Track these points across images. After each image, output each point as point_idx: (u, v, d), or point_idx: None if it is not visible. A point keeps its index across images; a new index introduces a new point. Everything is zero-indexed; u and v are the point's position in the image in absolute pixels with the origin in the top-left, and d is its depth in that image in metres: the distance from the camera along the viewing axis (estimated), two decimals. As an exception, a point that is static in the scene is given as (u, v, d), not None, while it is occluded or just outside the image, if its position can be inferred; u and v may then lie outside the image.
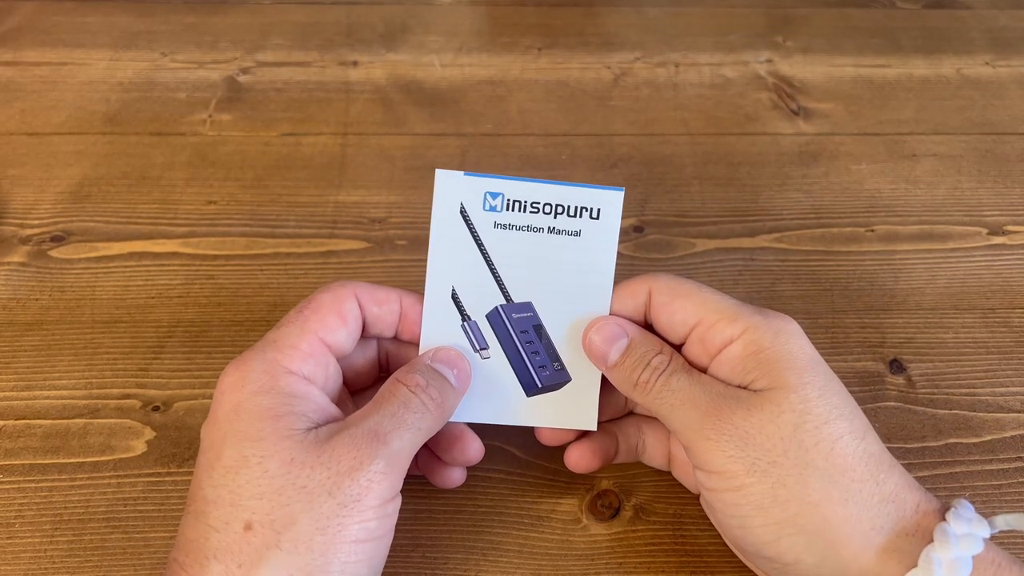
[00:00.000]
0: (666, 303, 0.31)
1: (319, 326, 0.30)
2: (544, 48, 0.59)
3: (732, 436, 0.27)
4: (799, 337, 0.29)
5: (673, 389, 0.29)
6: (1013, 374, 0.39)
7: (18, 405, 0.37)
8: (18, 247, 0.44)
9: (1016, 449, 0.36)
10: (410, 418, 0.28)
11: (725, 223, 0.46)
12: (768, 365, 0.28)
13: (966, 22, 0.63)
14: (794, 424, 0.27)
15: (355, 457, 0.26)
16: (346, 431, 0.27)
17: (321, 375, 0.30)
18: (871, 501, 0.26)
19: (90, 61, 0.56)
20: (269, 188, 0.48)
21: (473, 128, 0.52)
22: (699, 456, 0.28)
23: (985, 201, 0.48)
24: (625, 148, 0.51)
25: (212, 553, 0.25)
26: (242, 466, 0.26)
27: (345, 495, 0.26)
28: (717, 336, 0.30)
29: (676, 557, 0.33)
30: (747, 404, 0.28)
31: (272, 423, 0.27)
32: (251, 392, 0.27)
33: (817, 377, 0.28)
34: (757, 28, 0.62)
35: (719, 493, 0.28)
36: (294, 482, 0.26)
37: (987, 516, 0.27)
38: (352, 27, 0.60)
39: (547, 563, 0.33)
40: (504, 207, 0.31)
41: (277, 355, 0.29)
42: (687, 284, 0.31)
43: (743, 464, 0.27)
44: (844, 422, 0.28)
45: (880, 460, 0.27)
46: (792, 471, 0.27)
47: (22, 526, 0.33)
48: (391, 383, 0.29)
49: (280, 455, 0.26)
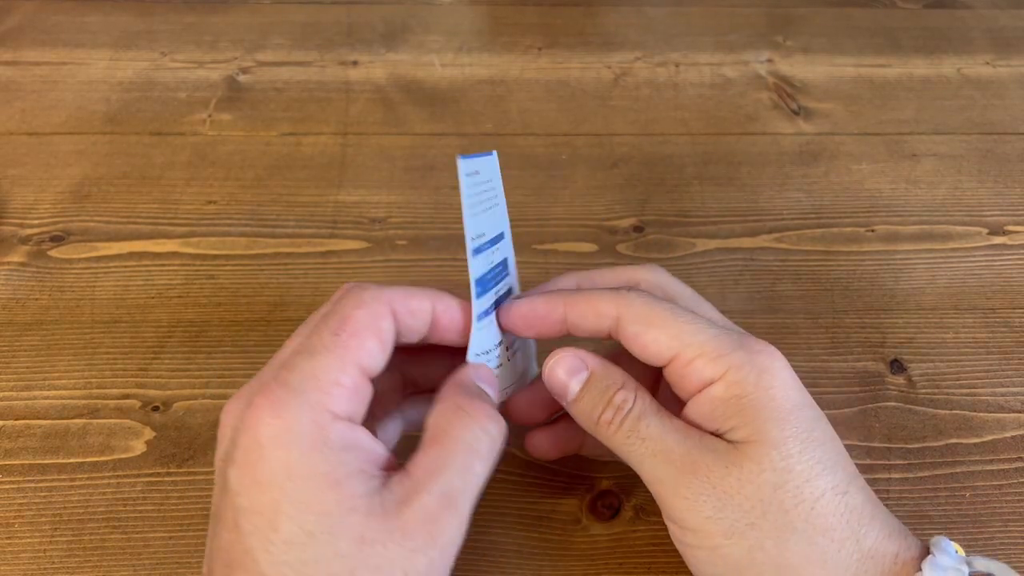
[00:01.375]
0: (640, 333, 0.28)
1: (359, 353, 0.26)
2: (544, 48, 0.59)
3: (710, 496, 0.26)
4: (784, 378, 0.28)
5: (643, 437, 0.27)
6: (1013, 374, 0.39)
7: (17, 405, 0.37)
8: (18, 247, 0.44)
9: (1016, 449, 0.36)
10: (479, 467, 0.26)
11: (725, 223, 0.46)
12: (749, 413, 0.27)
13: (966, 22, 0.63)
14: (774, 484, 0.26)
15: (430, 532, 0.24)
16: (417, 500, 0.24)
17: (363, 411, 0.26)
18: (850, 560, 0.26)
19: (90, 61, 0.56)
20: (269, 188, 0.48)
21: (473, 128, 0.52)
22: (672, 512, 0.27)
23: (985, 201, 0.48)
24: (625, 148, 0.51)
25: None
26: (308, 544, 0.23)
27: (417, 570, 0.24)
28: (695, 375, 0.28)
29: (676, 557, 0.33)
30: (725, 459, 0.26)
31: (335, 492, 0.24)
32: (303, 452, 0.24)
33: (800, 427, 0.27)
34: (757, 28, 0.62)
35: (693, 549, 0.27)
36: (366, 562, 0.23)
37: (971, 551, 0.26)
38: (352, 27, 0.60)
39: (547, 563, 0.33)
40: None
41: (322, 398, 0.25)
42: (662, 311, 0.28)
43: (721, 525, 0.26)
44: (826, 477, 0.26)
45: (862, 513, 0.26)
46: (771, 534, 0.26)
47: (21, 526, 0.33)
48: (452, 412, 0.27)
49: (349, 532, 0.23)
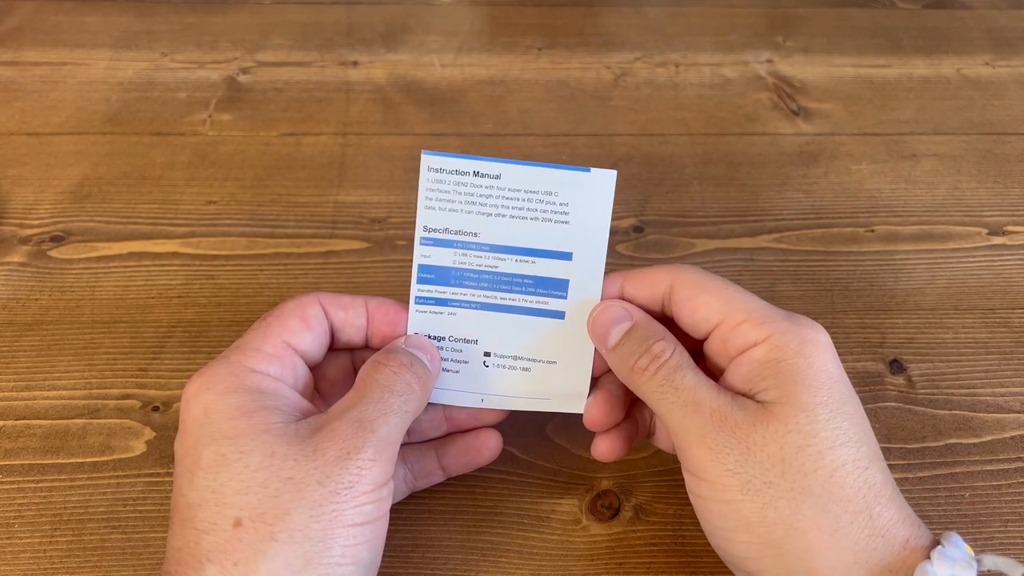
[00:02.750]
0: (689, 298, 0.30)
1: (282, 329, 0.29)
2: (544, 48, 0.59)
3: (733, 449, 0.27)
4: (825, 350, 0.28)
5: (676, 387, 0.28)
6: (1013, 374, 0.39)
7: (18, 405, 0.37)
8: (18, 247, 0.44)
9: (1016, 449, 0.36)
10: (395, 402, 0.28)
11: (725, 223, 0.46)
12: (784, 376, 0.27)
13: (966, 22, 0.63)
14: (797, 446, 0.26)
15: (342, 448, 0.26)
16: (329, 425, 0.27)
17: (290, 376, 0.29)
18: (860, 534, 0.26)
19: (90, 61, 0.56)
20: (269, 188, 0.48)
21: (473, 128, 0.52)
22: (693, 462, 0.28)
23: (985, 201, 0.48)
24: (625, 148, 0.51)
25: (204, 556, 0.25)
26: (221, 465, 0.26)
27: (336, 483, 0.25)
28: (740, 338, 0.29)
29: (676, 557, 0.33)
30: (754, 417, 0.27)
31: (246, 419, 0.26)
32: (218, 393, 0.27)
33: (832, 397, 0.27)
34: (757, 28, 0.62)
35: (707, 502, 0.28)
36: (278, 474, 0.25)
37: (977, 550, 0.26)
38: (352, 27, 0.60)
39: (547, 563, 0.33)
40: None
41: (241, 357, 0.28)
42: (713, 280, 0.30)
43: (739, 479, 0.26)
44: (850, 449, 0.27)
45: (880, 492, 0.27)
46: (786, 494, 0.26)
47: (21, 526, 0.33)
48: (371, 366, 0.29)
49: (260, 449, 0.26)
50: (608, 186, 0.31)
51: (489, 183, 0.31)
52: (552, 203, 0.31)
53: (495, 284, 0.32)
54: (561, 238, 0.32)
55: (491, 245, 0.32)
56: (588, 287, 0.32)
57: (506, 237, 0.31)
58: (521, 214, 0.31)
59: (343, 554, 0.25)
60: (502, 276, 0.32)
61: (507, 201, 0.31)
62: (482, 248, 0.32)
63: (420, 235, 0.32)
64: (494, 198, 0.31)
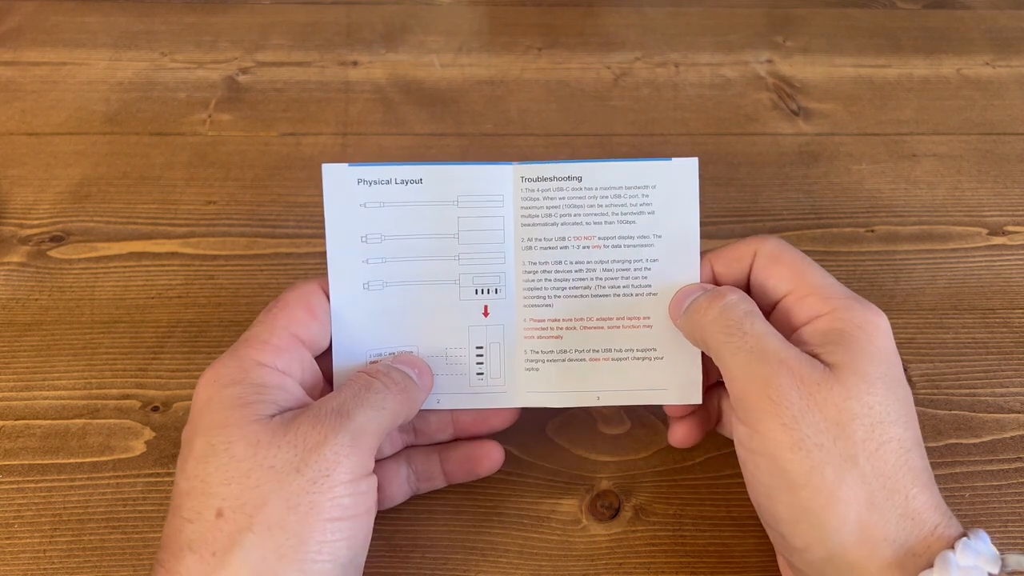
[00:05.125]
0: (765, 266, 0.31)
1: (288, 320, 0.30)
2: (544, 48, 0.59)
3: (794, 402, 0.27)
4: (886, 333, 0.29)
5: (745, 331, 0.28)
6: (1013, 374, 0.39)
7: (17, 405, 0.37)
8: (18, 247, 0.44)
9: (1016, 449, 0.36)
10: (373, 397, 0.28)
11: (725, 223, 0.46)
12: (849, 343, 0.28)
13: (966, 22, 0.63)
14: (853, 413, 0.27)
15: (320, 433, 0.26)
16: (310, 411, 0.27)
17: (297, 369, 0.30)
18: (894, 513, 0.26)
19: (90, 61, 0.56)
20: (269, 188, 0.48)
21: (473, 128, 0.52)
22: (751, 412, 0.28)
23: (985, 201, 0.48)
24: (625, 148, 0.51)
25: (186, 544, 0.25)
26: (210, 455, 0.26)
27: (313, 471, 0.26)
28: (806, 309, 0.30)
29: (676, 558, 0.33)
30: (819, 375, 0.27)
31: (239, 411, 0.27)
32: (222, 385, 0.28)
33: (890, 375, 0.28)
34: (757, 28, 0.62)
35: (756, 456, 0.28)
36: (261, 463, 0.26)
37: (1001, 550, 0.26)
38: (352, 27, 0.60)
39: (547, 563, 0.33)
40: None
41: (248, 350, 0.29)
42: (791, 253, 0.31)
43: (792, 436, 0.26)
44: (898, 428, 0.27)
45: (918, 476, 0.27)
46: (834, 460, 0.26)
47: (21, 526, 0.33)
48: (354, 374, 0.30)
49: (246, 439, 0.26)
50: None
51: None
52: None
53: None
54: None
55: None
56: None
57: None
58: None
59: (319, 550, 0.25)
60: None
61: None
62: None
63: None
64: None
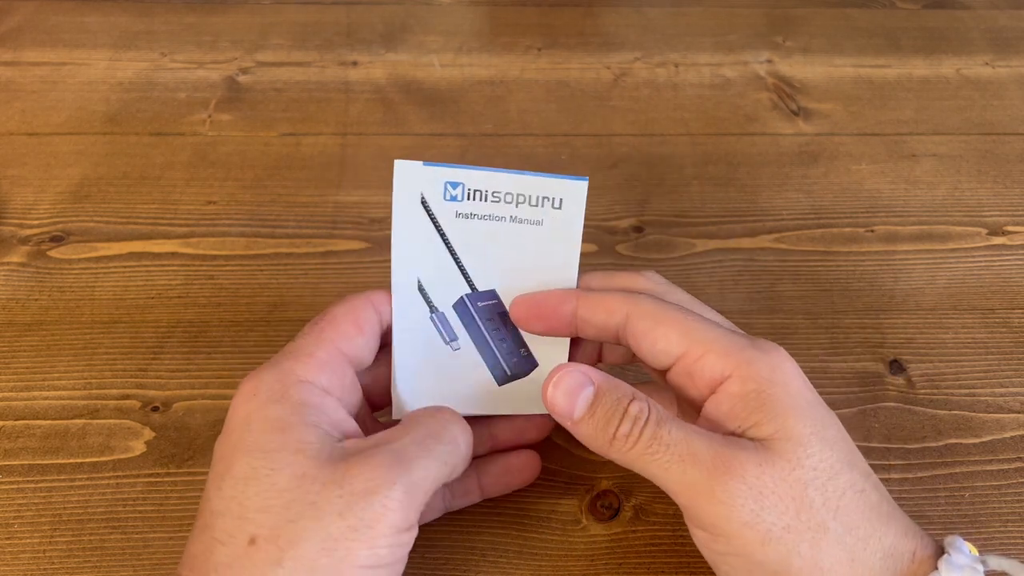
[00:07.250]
0: (648, 330, 0.28)
1: (335, 335, 0.29)
2: (544, 48, 0.59)
3: (747, 497, 0.25)
4: (795, 373, 0.28)
5: (667, 443, 0.26)
6: (1013, 374, 0.39)
7: (17, 405, 0.37)
8: (17, 247, 0.44)
9: (1016, 449, 0.36)
10: (439, 449, 0.27)
11: (725, 223, 0.46)
12: (771, 407, 0.26)
13: (966, 22, 0.63)
14: (805, 482, 0.26)
15: (372, 479, 0.25)
16: (366, 451, 0.26)
17: (338, 386, 0.28)
18: (874, 559, 0.25)
19: (90, 61, 0.56)
20: (269, 188, 0.48)
21: (473, 128, 0.52)
22: (706, 519, 0.26)
23: (985, 201, 0.48)
24: (625, 148, 0.51)
25: (214, 567, 0.24)
26: (251, 478, 0.25)
27: (357, 518, 0.24)
28: (707, 371, 0.28)
29: (676, 557, 0.33)
30: (757, 457, 0.26)
31: (283, 435, 0.26)
32: (262, 402, 0.26)
33: (818, 423, 0.27)
34: (757, 28, 0.62)
35: (727, 557, 0.27)
36: (303, 497, 0.24)
37: (981, 551, 0.26)
38: (352, 27, 0.60)
39: (547, 563, 0.33)
40: (465, 196, 0.30)
41: (292, 364, 0.28)
42: (670, 311, 0.29)
43: (758, 532, 0.25)
44: (845, 475, 0.26)
45: (879, 510, 0.26)
46: (806, 536, 0.25)
47: (21, 527, 0.33)
48: (422, 410, 0.29)
49: (291, 468, 0.25)
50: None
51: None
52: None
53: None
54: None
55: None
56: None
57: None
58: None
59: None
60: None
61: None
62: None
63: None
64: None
